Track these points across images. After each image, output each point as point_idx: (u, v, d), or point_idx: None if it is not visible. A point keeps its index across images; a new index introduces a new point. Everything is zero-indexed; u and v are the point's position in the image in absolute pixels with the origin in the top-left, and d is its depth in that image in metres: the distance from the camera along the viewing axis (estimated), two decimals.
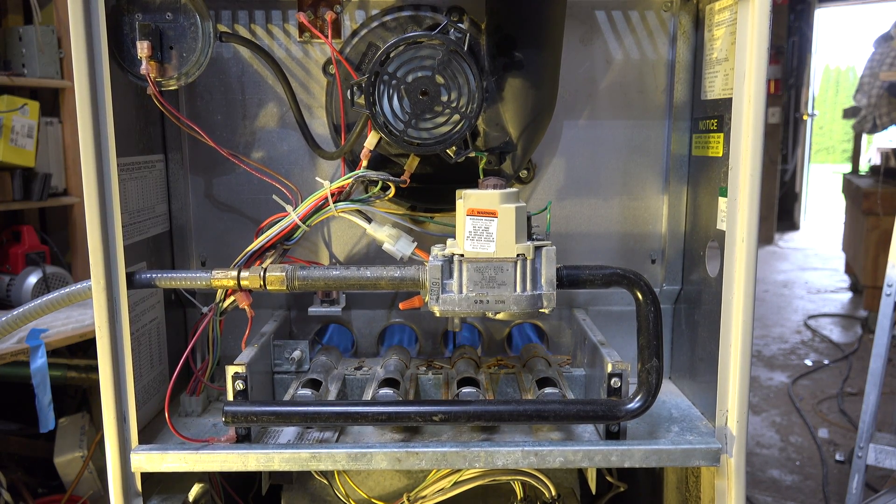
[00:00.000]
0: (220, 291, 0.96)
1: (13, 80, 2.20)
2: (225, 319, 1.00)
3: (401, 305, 0.93)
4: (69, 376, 1.98)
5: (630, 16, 1.09)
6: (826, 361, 3.71)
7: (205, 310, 0.99)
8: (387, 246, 0.97)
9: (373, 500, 1.06)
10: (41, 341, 1.77)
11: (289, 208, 0.97)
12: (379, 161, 1.01)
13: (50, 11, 2.42)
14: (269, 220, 0.97)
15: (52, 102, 2.45)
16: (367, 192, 0.97)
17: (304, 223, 0.96)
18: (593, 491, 1.11)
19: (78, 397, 2.17)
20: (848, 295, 5.10)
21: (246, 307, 0.95)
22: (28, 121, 2.20)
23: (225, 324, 1.02)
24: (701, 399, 1.04)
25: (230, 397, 0.91)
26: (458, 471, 0.95)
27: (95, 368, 0.89)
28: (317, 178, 1.04)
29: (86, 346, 2.00)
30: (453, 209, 0.89)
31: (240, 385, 0.90)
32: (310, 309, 1.09)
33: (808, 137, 7.87)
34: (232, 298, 0.96)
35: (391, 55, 0.87)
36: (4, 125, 2.12)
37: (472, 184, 0.88)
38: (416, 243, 0.97)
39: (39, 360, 1.78)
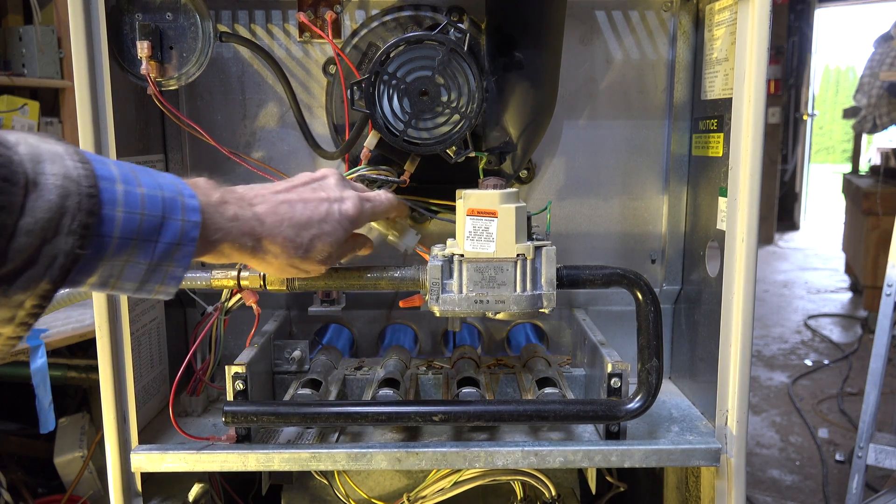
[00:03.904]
0: (225, 290, 0.96)
1: (13, 80, 2.20)
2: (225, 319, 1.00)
3: (401, 303, 0.93)
4: (69, 376, 1.98)
5: (630, 16, 1.09)
6: (826, 361, 3.71)
7: (210, 309, 0.99)
8: (391, 238, 0.97)
9: (373, 500, 1.06)
10: (41, 341, 1.77)
11: None
12: (379, 161, 1.01)
13: (50, 11, 2.43)
14: None
15: (52, 102, 2.45)
16: None
17: None
18: (593, 491, 1.11)
19: (78, 397, 2.17)
20: (848, 295, 5.10)
21: (253, 304, 0.95)
22: (28, 121, 2.20)
23: (228, 323, 1.02)
24: (701, 399, 1.04)
25: (230, 397, 0.91)
26: (458, 471, 0.95)
27: (95, 368, 0.89)
28: None
29: (86, 346, 1.99)
30: (454, 209, 0.89)
31: (240, 385, 0.90)
32: (310, 309, 1.09)
33: (808, 137, 7.87)
34: (238, 297, 0.96)
35: (391, 55, 0.87)
36: (4, 125, 2.12)
37: (472, 184, 0.88)
38: (419, 236, 0.97)
39: (39, 360, 1.77)
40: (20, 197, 0.49)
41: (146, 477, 0.92)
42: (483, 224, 0.84)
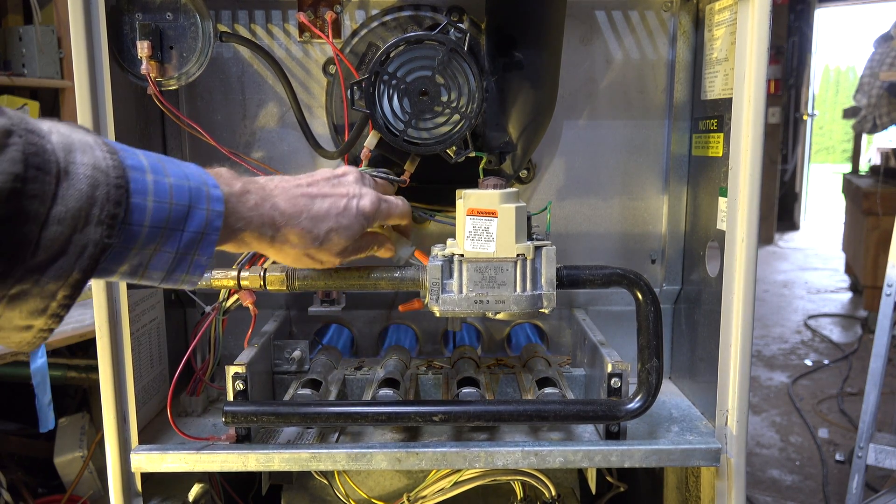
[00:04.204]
0: (223, 291, 0.96)
1: (13, 80, 2.20)
2: (225, 319, 1.00)
3: (400, 308, 0.93)
4: (69, 376, 1.98)
5: (630, 16, 1.09)
6: (826, 361, 3.71)
7: (208, 309, 0.99)
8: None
9: (373, 500, 1.06)
10: None
11: None
12: (379, 160, 1.01)
13: (50, 11, 2.43)
14: None
15: (52, 102, 2.45)
16: None
17: None
18: (593, 491, 1.11)
19: (78, 397, 2.17)
20: (848, 295, 5.11)
21: (249, 305, 0.95)
22: None
23: (227, 324, 1.02)
24: (701, 399, 1.04)
25: (230, 397, 0.91)
26: (458, 471, 0.95)
27: (95, 368, 0.89)
28: None
29: (86, 346, 1.99)
30: (453, 209, 0.89)
31: (240, 385, 0.90)
32: (310, 309, 1.09)
33: (808, 137, 7.87)
34: (235, 297, 0.96)
35: (391, 55, 0.87)
36: None
37: (473, 184, 0.88)
38: (414, 248, 0.96)
39: (39, 360, 1.78)
40: (52, 186, 0.49)
41: (146, 477, 0.92)
42: (483, 224, 0.84)
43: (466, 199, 0.84)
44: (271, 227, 0.70)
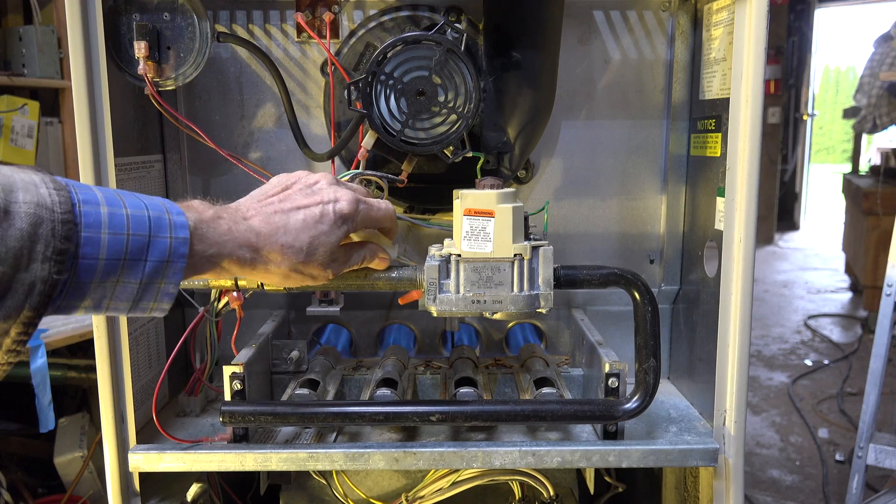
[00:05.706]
0: (213, 292, 0.95)
1: (13, 80, 2.20)
2: (224, 320, 1.00)
3: (400, 300, 0.92)
4: (69, 376, 1.98)
5: (628, 16, 1.09)
6: (826, 361, 3.71)
7: (202, 310, 0.99)
8: None
9: (371, 500, 1.06)
10: (41, 341, 1.77)
11: None
12: (377, 161, 1.01)
13: (50, 11, 2.43)
14: None
15: (52, 102, 2.45)
16: None
17: None
18: (591, 491, 1.11)
19: (78, 397, 2.17)
20: (848, 295, 5.10)
21: (236, 307, 0.94)
22: (28, 121, 2.20)
23: (226, 324, 1.02)
24: (699, 399, 1.04)
25: (228, 397, 0.91)
26: (457, 471, 0.95)
27: (95, 368, 0.89)
28: None
29: (86, 346, 2.00)
30: (451, 209, 0.89)
31: (237, 385, 0.90)
32: (308, 309, 1.09)
33: (808, 137, 7.87)
34: (226, 299, 0.95)
35: (388, 55, 0.87)
36: (4, 125, 2.13)
37: (470, 183, 0.88)
38: (397, 247, 0.95)
39: (39, 360, 1.78)
40: None
41: (144, 477, 0.92)
42: (480, 224, 0.83)
43: (464, 199, 0.84)
44: (249, 249, 0.68)
